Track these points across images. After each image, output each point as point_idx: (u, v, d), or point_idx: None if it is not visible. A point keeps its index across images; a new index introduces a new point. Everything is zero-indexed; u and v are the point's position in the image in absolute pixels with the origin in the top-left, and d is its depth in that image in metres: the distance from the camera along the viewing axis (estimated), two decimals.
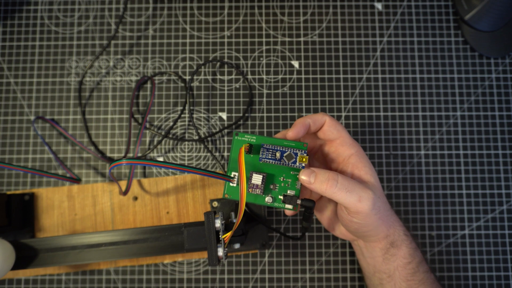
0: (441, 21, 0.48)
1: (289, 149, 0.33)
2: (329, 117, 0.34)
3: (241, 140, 0.34)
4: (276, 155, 0.33)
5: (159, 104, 0.47)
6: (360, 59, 0.47)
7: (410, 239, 0.36)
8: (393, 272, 0.35)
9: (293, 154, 0.33)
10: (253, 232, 0.42)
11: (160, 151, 0.46)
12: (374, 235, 0.35)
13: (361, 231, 0.34)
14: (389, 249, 0.35)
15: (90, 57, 0.48)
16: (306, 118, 0.34)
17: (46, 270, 0.44)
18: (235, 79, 0.47)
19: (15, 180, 0.46)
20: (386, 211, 0.34)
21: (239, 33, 0.48)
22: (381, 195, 0.33)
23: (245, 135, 0.34)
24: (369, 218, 0.32)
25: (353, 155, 0.34)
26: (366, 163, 0.34)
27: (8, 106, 0.47)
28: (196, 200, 0.44)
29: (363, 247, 0.37)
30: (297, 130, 0.33)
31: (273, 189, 0.33)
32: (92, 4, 0.48)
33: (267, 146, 0.33)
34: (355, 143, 0.35)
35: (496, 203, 0.45)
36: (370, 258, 0.37)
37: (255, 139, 0.34)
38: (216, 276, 0.44)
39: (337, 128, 0.34)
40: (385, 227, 0.34)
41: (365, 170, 0.34)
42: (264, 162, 0.33)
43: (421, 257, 0.36)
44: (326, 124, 0.34)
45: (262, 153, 0.33)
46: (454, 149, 0.46)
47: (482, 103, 0.46)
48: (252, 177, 0.33)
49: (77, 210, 0.45)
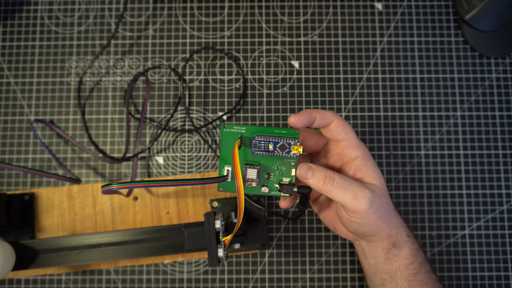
0: (441, 21, 0.48)
1: (281, 139, 0.31)
2: (338, 117, 0.33)
3: (229, 132, 0.33)
4: (269, 147, 0.32)
5: (159, 104, 0.47)
6: (360, 59, 0.47)
7: (412, 240, 0.35)
8: (395, 272, 0.35)
9: (287, 144, 0.31)
10: (253, 232, 0.42)
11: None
12: (375, 235, 0.34)
13: (361, 230, 0.34)
14: (391, 250, 0.35)
15: (90, 57, 0.47)
16: (315, 111, 0.32)
17: (46, 270, 0.44)
18: (235, 79, 0.47)
19: (15, 180, 0.46)
20: (388, 211, 0.34)
21: (239, 33, 0.48)
22: (382, 196, 0.33)
23: (233, 126, 0.33)
24: (367, 217, 0.32)
25: (358, 158, 0.34)
26: (371, 165, 0.34)
27: (8, 106, 0.47)
28: (196, 200, 0.44)
29: (365, 247, 0.37)
30: (301, 118, 0.32)
31: (267, 178, 0.33)
32: (92, 4, 0.48)
33: (259, 138, 0.32)
34: (361, 145, 0.34)
35: (496, 203, 0.45)
36: (372, 258, 0.37)
37: (245, 130, 0.33)
38: (216, 276, 0.44)
39: (345, 130, 0.33)
40: (387, 227, 0.34)
41: (368, 173, 0.33)
42: (257, 155, 0.32)
43: (423, 258, 0.36)
44: (334, 124, 0.33)
45: (254, 146, 0.32)
46: (454, 149, 0.46)
47: (482, 103, 0.46)
48: (246, 172, 0.32)
49: (77, 210, 0.45)
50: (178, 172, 0.45)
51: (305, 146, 0.36)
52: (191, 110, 0.46)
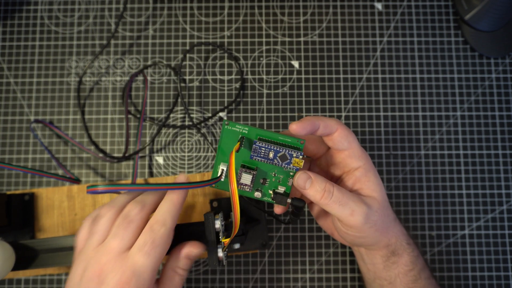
0: (441, 21, 0.48)
1: (284, 149, 0.30)
2: (342, 126, 0.32)
3: (231, 130, 0.31)
4: (269, 155, 0.30)
5: (159, 104, 0.47)
6: (360, 59, 0.47)
7: (412, 247, 0.35)
8: (394, 279, 0.35)
9: (288, 155, 0.30)
10: (253, 232, 0.42)
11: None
12: (372, 245, 0.34)
13: (357, 241, 0.34)
14: (390, 257, 0.34)
15: (90, 57, 0.47)
16: (318, 119, 0.31)
17: (46, 270, 0.44)
18: (235, 79, 0.47)
19: (15, 180, 0.46)
20: (387, 223, 0.33)
21: (239, 33, 0.48)
22: (380, 209, 0.32)
23: (236, 124, 0.31)
24: (363, 231, 0.31)
25: (360, 168, 0.32)
26: (371, 177, 0.33)
27: (8, 106, 0.47)
28: (196, 200, 0.44)
29: (363, 253, 0.36)
30: (303, 125, 0.30)
31: (263, 183, 0.32)
32: (92, 4, 0.48)
33: (260, 143, 0.30)
34: (364, 155, 0.33)
35: (496, 203, 0.45)
36: (370, 265, 0.36)
37: (247, 130, 0.31)
38: (216, 276, 0.44)
39: (349, 139, 0.32)
40: (385, 238, 0.34)
41: (367, 185, 0.32)
42: (256, 160, 0.31)
43: (423, 264, 0.35)
44: (337, 133, 0.32)
45: (254, 151, 0.30)
46: (454, 149, 0.46)
47: (482, 103, 0.46)
48: (241, 176, 0.31)
49: (77, 210, 0.45)
50: (178, 172, 0.45)
51: (305, 149, 0.34)
52: (191, 110, 0.46)
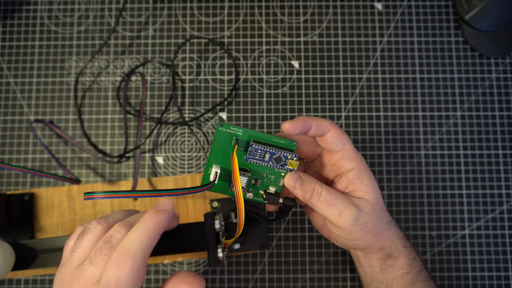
0: (441, 21, 0.48)
1: (279, 151, 0.30)
2: (334, 127, 0.32)
3: (225, 132, 0.31)
4: (265, 157, 0.31)
5: (159, 104, 0.47)
6: (360, 59, 0.47)
7: (409, 250, 0.35)
8: (391, 282, 0.35)
9: (283, 157, 0.31)
10: (253, 232, 0.42)
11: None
12: (366, 247, 0.34)
13: (349, 244, 0.34)
14: (386, 260, 0.34)
15: (90, 57, 0.47)
16: (311, 119, 0.31)
17: (46, 270, 0.44)
18: (235, 79, 0.47)
19: (15, 180, 0.46)
20: (380, 226, 0.33)
21: (239, 33, 0.48)
22: (372, 211, 0.32)
23: (230, 126, 0.31)
24: (353, 233, 0.31)
25: (353, 170, 0.32)
26: (365, 179, 0.32)
27: (8, 106, 0.47)
28: (196, 200, 0.44)
29: (360, 256, 0.36)
30: (295, 125, 0.30)
31: (254, 184, 0.32)
32: (92, 4, 0.48)
33: (256, 146, 0.30)
34: (357, 157, 0.33)
35: (496, 203, 0.45)
36: (367, 267, 0.36)
37: (242, 132, 0.31)
38: (216, 276, 0.44)
39: (342, 141, 0.32)
40: (379, 241, 0.33)
41: (361, 187, 0.32)
42: (250, 162, 0.31)
43: (420, 266, 0.35)
44: (330, 134, 0.32)
45: (249, 153, 0.31)
46: (454, 149, 0.46)
47: (482, 103, 0.46)
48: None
49: (77, 210, 0.45)
50: (178, 172, 0.45)
51: (300, 151, 0.34)
52: (191, 110, 0.46)
